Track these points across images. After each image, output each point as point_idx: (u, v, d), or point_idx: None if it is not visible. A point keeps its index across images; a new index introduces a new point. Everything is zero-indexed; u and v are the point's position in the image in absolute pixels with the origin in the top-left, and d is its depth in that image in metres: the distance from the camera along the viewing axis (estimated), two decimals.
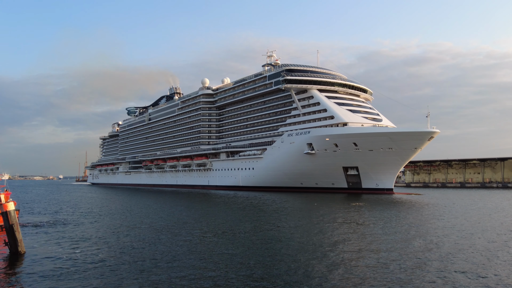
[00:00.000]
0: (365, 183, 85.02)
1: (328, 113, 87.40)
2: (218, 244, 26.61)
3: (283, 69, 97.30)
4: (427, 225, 35.51)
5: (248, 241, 27.55)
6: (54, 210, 53.76)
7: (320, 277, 18.56)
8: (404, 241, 27.33)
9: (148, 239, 29.38)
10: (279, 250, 24.50)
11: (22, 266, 21.75)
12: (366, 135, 78.99)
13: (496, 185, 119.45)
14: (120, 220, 41.48)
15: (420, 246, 25.63)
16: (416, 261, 21.50)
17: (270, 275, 19.08)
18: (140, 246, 26.74)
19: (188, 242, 27.20)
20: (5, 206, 24.63)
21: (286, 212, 46.34)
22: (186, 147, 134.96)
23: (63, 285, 18.05)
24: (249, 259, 22.10)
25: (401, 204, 57.09)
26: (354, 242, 26.78)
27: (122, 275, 19.43)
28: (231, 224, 35.98)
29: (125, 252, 24.70)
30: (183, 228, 34.01)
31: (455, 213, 45.54)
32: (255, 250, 24.55)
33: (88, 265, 21.50)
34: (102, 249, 25.89)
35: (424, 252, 23.64)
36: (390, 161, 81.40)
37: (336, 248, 24.86)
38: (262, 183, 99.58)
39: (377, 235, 29.44)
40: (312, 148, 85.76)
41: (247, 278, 18.63)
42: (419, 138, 78.45)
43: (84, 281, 18.55)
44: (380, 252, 23.53)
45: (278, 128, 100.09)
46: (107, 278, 18.95)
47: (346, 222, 36.51)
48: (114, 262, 22.04)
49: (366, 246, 25.36)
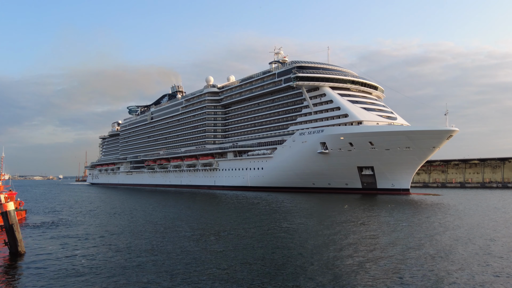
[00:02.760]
0: (380, 183, 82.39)
1: (342, 111, 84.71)
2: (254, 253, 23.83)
3: (293, 66, 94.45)
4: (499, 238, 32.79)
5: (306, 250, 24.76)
6: (54, 210, 53.35)
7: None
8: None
9: (149, 239, 28.89)
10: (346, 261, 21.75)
11: (22, 266, 21.67)
12: (383, 134, 76.34)
13: (496, 185, 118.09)
14: (121, 220, 41.20)
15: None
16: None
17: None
18: (141, 246, 26.46)
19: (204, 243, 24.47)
20: (5, 206, 24.58)
21: (325, 217, 43.46)
22: (190, 147, 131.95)
23: (63, 285, 17.96)
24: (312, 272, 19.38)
25: (431, 207, 54.43)
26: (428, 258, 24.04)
27: (122, 275, 19.31)
28: (264, 229, 33.12)
29: (126, 253, 24.47)
30: (196, 229, 31.20)
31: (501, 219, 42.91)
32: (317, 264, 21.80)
33: (88, 265, 21.40)
34: (102, 249, 25.79)
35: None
36: (407, 161, 78.81)
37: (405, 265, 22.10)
38: (271, 183, 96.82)
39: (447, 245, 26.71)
40: (325, 147, 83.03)
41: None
42: (438, 137, 75.93)
43: (84, 281, 18.50)
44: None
45: (288, 126, 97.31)
46: (107, 278, 18.87)
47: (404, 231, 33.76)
48: (114, 262, 21.92)
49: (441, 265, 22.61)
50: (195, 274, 19.40)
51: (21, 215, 44.56)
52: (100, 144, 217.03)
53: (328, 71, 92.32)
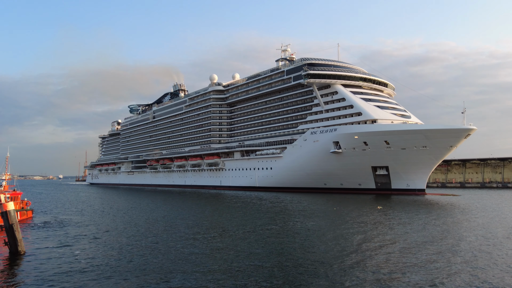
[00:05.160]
0: (394, 184, 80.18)
1: (355, 110, 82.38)
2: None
3: (304, 63, 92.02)
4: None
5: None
6: (54, 210, 53.42)
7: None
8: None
9: (150, 240, 28.82)
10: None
11: (22, 266, 21.67)
12: (400, 133, 74.08)
13: (496, 185, 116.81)
14: (122, 220, 40.93)
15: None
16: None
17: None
18: (142, 246, 26.37)
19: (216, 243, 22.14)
20: (5, 206, 24.54)
21: (363, 219, 41.05)
22: (195, 146, 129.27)
23: (63, 285, 17.92)
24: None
25: (462, 210, 52.19)
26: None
27: (122, 276, 19.26)
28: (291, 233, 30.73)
29: (126, 252, 24.45)
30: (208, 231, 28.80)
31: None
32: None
33: (88, 265, 21.32)
34: (102, 249, 25.75)
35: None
36: (423, 160, 76.62)
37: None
38: (281, 184, 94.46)
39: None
40: (339, 146, 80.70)
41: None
42: (456, 136, 73.82)
43: (84, 281, 18.44)
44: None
45: (297, 125, 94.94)
46: (107, 279, 18.78)
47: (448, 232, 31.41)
48: (115, 263, 21.84)
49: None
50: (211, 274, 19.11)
51: (28, 214, 44.99)
52: (99, 143, 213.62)
53: (339, 68, 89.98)
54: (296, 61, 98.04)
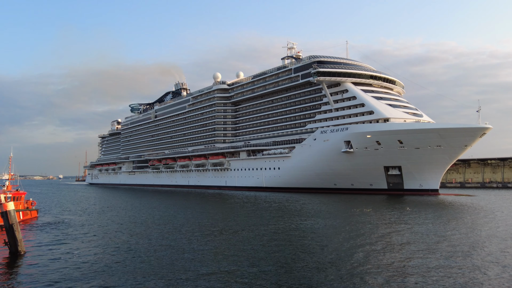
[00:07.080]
0: (407, 184, 78.43)
1: (367, 108, 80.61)
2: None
3: (313, 61, 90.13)
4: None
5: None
6: (55, 210, 53.65)
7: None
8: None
9: (151, 240, 28.71)
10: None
11: (22, 266, 21.64)
12: (414, 132, 72.33)
13: (496, 185, 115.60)
14: (123, 220, 40.98)
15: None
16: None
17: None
18: (142, 246, 26.35)
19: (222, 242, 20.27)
20: (5, 206, 24.54)
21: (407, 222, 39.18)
22: (198, 146, 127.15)
23: (63, 285, 17.88)
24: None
25: (485, 213, 50.46)
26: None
27: (122, 276, 19.17)
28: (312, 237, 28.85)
29: (126, 253, 24.42)
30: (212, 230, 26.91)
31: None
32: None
33: (88, 265, 21.31)
34: (102, 249, 25.72)
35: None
36: (437, 160, 74.93)
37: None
38: (289, 184, 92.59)
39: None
40: (350, 146, 78.86)
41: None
42: (471, 135, 72.15)
43: (84, 281, 18.39)
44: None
45: (306, 124, 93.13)
46: (107, 278, 18.72)
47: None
48: (115, 263, 21.81)
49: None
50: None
51: (33, 214, 45.00)
52: (99, 143, 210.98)
53: (349, 66, 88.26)
54: (303, 59, 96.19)
